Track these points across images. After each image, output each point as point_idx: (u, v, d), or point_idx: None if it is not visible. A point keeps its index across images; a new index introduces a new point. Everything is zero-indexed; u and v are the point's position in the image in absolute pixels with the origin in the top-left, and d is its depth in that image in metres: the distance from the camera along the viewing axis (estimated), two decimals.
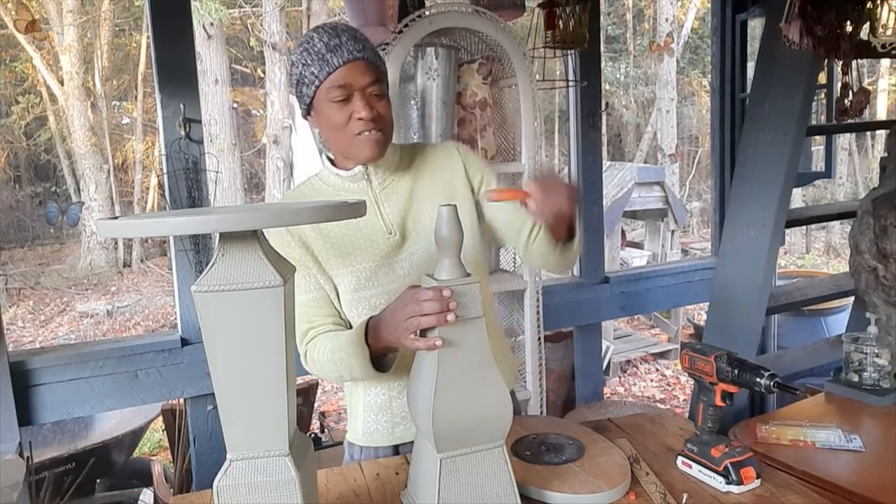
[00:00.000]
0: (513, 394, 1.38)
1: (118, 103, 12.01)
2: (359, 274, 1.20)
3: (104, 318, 8.17)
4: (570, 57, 2.58)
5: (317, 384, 3.06)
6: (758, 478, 1.09)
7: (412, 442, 1.12)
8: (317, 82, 1.13)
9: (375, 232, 1.21)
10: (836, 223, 9.57)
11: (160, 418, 2.85)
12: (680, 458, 1.15)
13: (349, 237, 1.21)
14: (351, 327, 1.22)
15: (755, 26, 3.10)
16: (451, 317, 0.93)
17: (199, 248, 2.03)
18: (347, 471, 1.19)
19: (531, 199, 1.02)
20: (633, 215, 6.90)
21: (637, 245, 7.71)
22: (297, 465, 0.87)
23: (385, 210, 1.23)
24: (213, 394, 0.86)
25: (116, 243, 10.26)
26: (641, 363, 5.48)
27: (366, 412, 1.27)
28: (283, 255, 1.14)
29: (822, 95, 2.90)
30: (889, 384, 1.84)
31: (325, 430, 2.85)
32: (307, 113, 1.20)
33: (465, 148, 1.34)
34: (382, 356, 1.12)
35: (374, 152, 1.17)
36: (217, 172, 2.13)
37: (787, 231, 3.19)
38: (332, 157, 1.27)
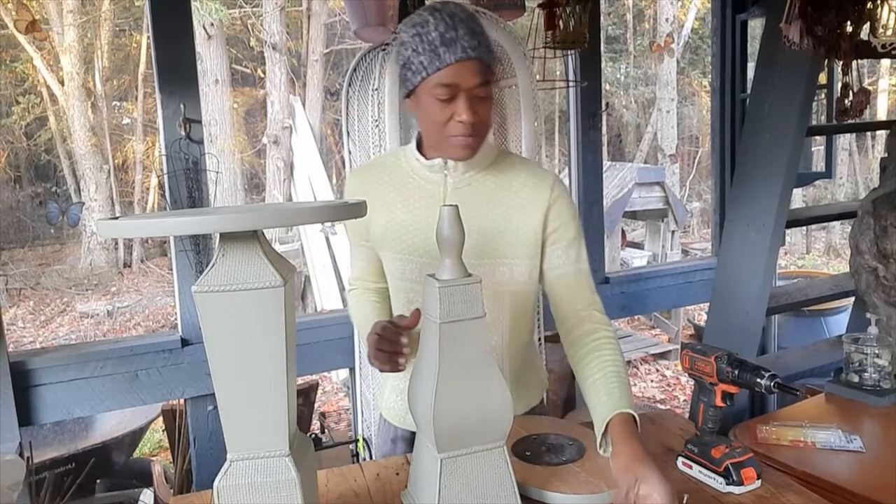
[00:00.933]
0: (542, 404, 1.40)
1: (118, 103, 12.01)
2: (405, 265, 1.20)
3: (104, 318, 8.18)
4: (570, 57, 2.58)
5: (317, 384, 3.06)
6: (758, 478, 1.08)
7: None
8: (424, 74, 1.08)
9: (432, 229, 1.13)
10: (836, 223, 9.57)
11: (160, 419, 2.85)
12: (680, 459, 1.15)
13: (408, 228, 1.20)
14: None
15: (755, 26, 3.10)
16: (401, 360, 1.07)
17: (199, 249, 2.03)
18: (347, 471, 1.19)
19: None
20: (634, 215, 6.90)
21: (637, 245, 7.72)
22: (298, 466, 0.87)
23: None
24: (213, 394, 0.86)
25: (117, 244, 10.27)
26: (642, 363, 5.48)
27: (391, 391, 1.34)
28: (350, 223, 1.26)
29: (822, 95, 2.90)
30: (889, 385, 1.84)
31: (325, 430, 2.85)
32: (406, 96, 1.16)
33: (563, 189, 1.23)
34: None
35: (464, 155, 1.15)
36: (217, 172, 2.13)
37: (788, 231, 3.19)
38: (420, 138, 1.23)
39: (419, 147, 1.22)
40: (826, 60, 2.48)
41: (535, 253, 1.21)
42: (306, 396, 2.81)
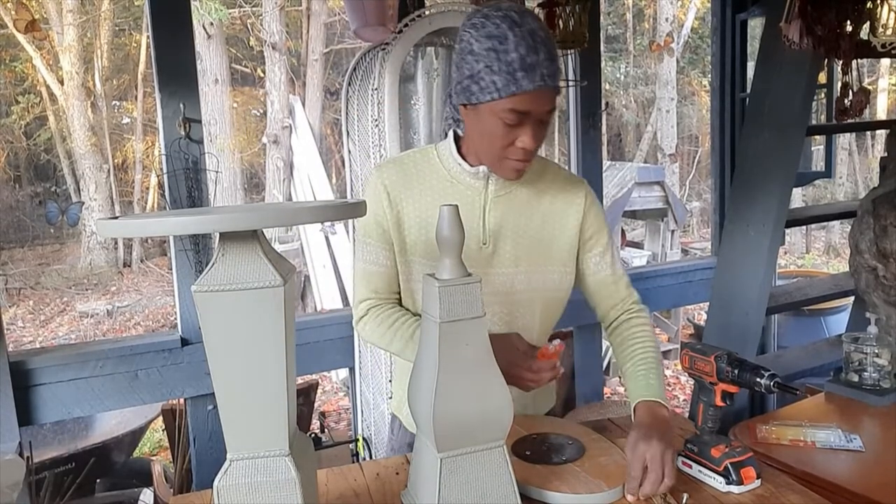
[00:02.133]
0: (553, 412, 1.40)
1: (118, 103, 12.01)
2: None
3: (104, 318, 8.18)
4: (570, 57, 2.58)
5: (317, 384, 3.06)
6: (758, 478, 1.08)
7: None
8: (496, 95, 1.02)
9: (471, 236, 1.12)
10: (836, 223, 9.57)
11: (160, 418, 2.85)
12: (680, 458, 1.15)
13: None
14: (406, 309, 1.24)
15: (755, 26, 3.10)
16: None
17: (199, 248, 2.03)
18: (347, 470, 1.19)
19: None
20: (633, 215, 6.90)
21: (637, 245, 7.71)
22: (297, 465, 0.87)
23: (489, 218, 1.17)
24: (213, 394, 0.86)
25: (116, 243, 10.27)
26: None
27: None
28: (374, 220, 1.18)
29: (822, 95, 2.90)
30: (889, 384, 1.84)
31: (325, 430, 2.85)
32: (464, 105, 1.09)
33: (594, 195, 1.27)
34: None
35: (516, 178, 1.14)
36: (217, 172, 2.13)
37: (787, 231, 3.19)
38: (460, 135, 1.19)
39: (458, 148, 1.18)
40: (826, 60, 2.48)
41: (571, 260, 1.23)
42: (306, 396, 2.81)
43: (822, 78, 2.76)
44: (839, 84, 2.31)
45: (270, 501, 0.86)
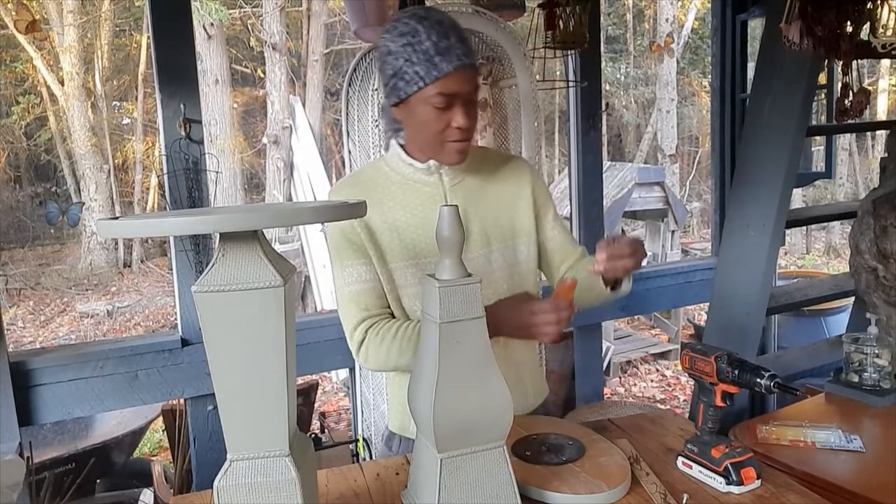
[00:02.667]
0: (547, 403, 1.41)
1: (118, 103, 12.02)
2: (424, 269, 1.20)
3: (104, 318, 8.18)
4: (570, 57, 2.58)
5: (317, 384, 3.06)
6: (758, 478, 1.08)
7: None
8: (420, 84, 1.10)
9: None
10: (836, 223, 9.57)
11: (160, 418, 2.84)
12: (680, 459, 1.15)
13: (415, 229, 1.21)
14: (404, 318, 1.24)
15: (755, 26, 3.10)
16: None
17: (199, 249, 2.03)
18: (347, 471, 1.19)
19: (600, 265, 1.09)
20: (634, 215, 6.90)
21: None
22: (298, 466, 0.87)
23: None
24: (213, 394, 0.86)
25: (117, 244, 10.27)
26: (642, 363, 5.49)
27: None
28: (347, 241, 1.20)
29: (822, 95, 2.90)
30: (889, 384, 1.84)
31: (325, 430, 2.85)
32: (395, 105, 1.17)
33: (534, 170, 1.36)
34: None
35: (460, 159, 1.19)
36: (217, 172, 2.13)
37: (788, 231, 3.19)
38: (403, 143, 1.24)
39: (405, 152, 1.24)
40: (826, 60, 2.48)
41: (533, 229, 1.30)
42: (306, 396, 2.81)
43: (823, 78, 2.76)
44: (839, 84, 2.32)
45: (270, 502, 0.86)
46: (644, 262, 1.29)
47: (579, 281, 1.19)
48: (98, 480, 2.87)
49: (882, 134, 7.76)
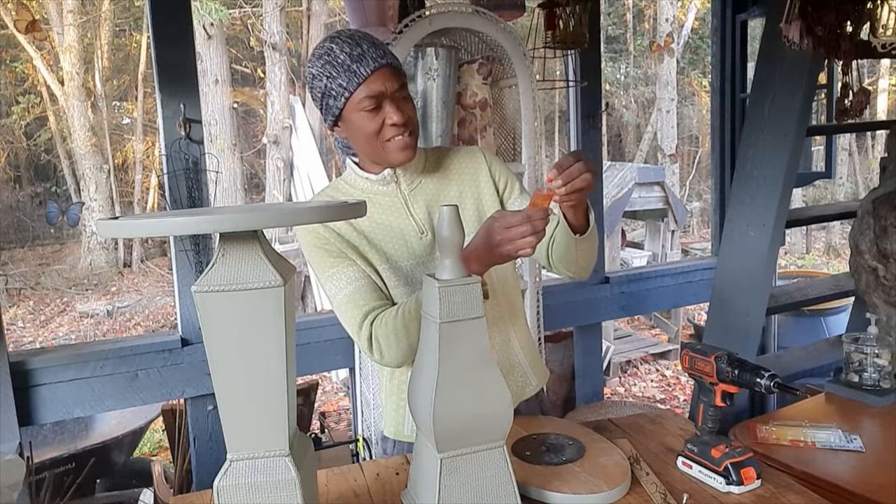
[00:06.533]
0: (543, 392, 1.42)
1: (118, 103, 12.02)
2: (398, 272, 1.22)
3: (104, 318, 8.18)
4: (570, 57, 2.59)
5: (317, 384, 3.06)
6: (758, 478, 1.09)
7: None
8: (346, 94, 1.14)
9: (408, 232, 1.23)
10: (836, 223, 9.57)
11: (160, 418, 2.85)
12: (680, 459, 1.15)
13: (384, 237, 1.23)
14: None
15: (755, 26, 3.10)
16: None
17: (199, 249, 2.03)
18: (347, 471, 1.19)
19: (557, 180, 1.01)
20: (634, 215, 6.90)
21: (637, 245, 7.71)
22: (297, 466, 0.87)
23: (415, 211, 1.25)
24: (213, 394, 0.86)
25: (117, 243, 10.27)
26: (641, 363, 5.49)
27: (402, 406, 1.29)
28: (324, 251, 1.20)
29: (822, 95, 2.90)
30: (889, 384, 1.84)
31: (325, 430, 2.85)
32: (334, 124, 1.21)
33: (490, 153, 1.36)
34: None
35: (407, 156, 1.20)
36: (217, 172, 2.13)
37: (788, 231, 3.19)
38: (357, 161, 1.28)
39: (361, 169, 1.27)
40: (826, 60, 2.48)
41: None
42: (306, 396, 2.81)
43: (822, 78, 2.76)
44: (839, 84, 2.32)
45: (270, 502, 0.86)
46: (644, 262, 1.27)
47: (557, 243, 1.20)
48: (98, 480, 2.87)
49: (882, 134, 7.77)
